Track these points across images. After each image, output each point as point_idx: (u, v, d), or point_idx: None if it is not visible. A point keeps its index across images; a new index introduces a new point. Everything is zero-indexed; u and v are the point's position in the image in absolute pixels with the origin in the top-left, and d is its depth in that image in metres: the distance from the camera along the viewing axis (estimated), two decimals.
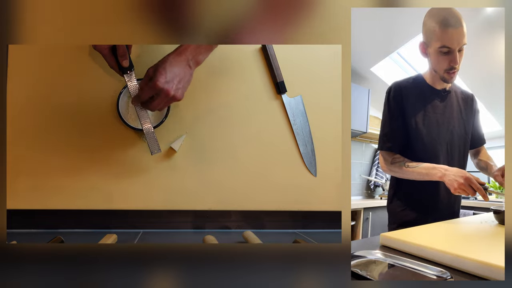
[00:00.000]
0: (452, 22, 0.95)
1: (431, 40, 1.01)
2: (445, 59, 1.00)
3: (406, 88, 1.10)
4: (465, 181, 0.91)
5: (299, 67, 1.00)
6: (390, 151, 1.10)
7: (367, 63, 2.64)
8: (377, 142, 1.15)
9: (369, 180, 3.05)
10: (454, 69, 1.01)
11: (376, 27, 2.15)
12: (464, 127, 1.14)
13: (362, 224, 2.40)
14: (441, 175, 0.97)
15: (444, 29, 0.96)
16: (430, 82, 1.11)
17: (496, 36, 2.00)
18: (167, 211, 0.93)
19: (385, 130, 1.11)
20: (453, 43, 0.96)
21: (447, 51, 0.98)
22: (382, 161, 1.12)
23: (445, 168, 0.97)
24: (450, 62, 1.00)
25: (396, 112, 1.09)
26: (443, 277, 0.49)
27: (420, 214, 1.09)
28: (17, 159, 0.88)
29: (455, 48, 0.97)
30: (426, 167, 1.01)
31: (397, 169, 1.07)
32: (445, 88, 1.12)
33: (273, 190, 0.97)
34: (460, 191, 0.92)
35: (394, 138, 1.09)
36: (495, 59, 2.20)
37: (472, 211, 2.34)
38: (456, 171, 0.94)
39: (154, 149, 0.86)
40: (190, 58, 0.78)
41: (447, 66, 1.01)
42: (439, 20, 0.97)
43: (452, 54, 0.98)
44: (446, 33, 0.96)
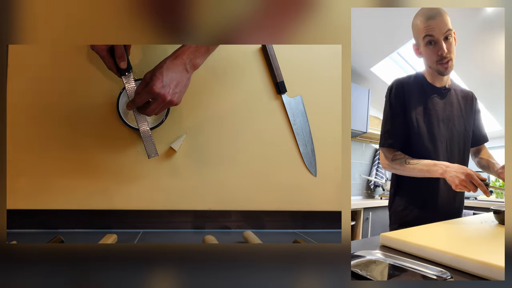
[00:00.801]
0: (431, 13, 1.00)
1: (418, 37, 1.05)
2: (432, 50, 1.03)
3: (408, 84, 1.11)
4: (466, 177, 0.90)
5: (299, 67, 1.00)
6: (392, 147, 1.10)
7: (367, 63, 2.64)
8: (377, 142, 1.15)
9: (369, 180, 3.06)
10: (444, 58, 1.03)
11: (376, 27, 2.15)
12: (464, 125, 1.15)
13: (362, 224, 2.40)
14: (442, 172, 0.97)
15: (424, 21, 1.02)
16: (430, 80, 1.12)
17: (496, 36, 2.00)
18: (167, 211, 0.93)
19: (387, 127, 1.11)
20: (435, 31, 1.01)
21: (432, 41, 1.02)
22: (383, 157, 1.12)
23: (446, 164, 0.97)
24: (438, 52, 1.02)
25: (398, 109, 1.09)
26: (443, 277, 0.49)
27: (421, 212, 1.09)
28: (17, 159, 0.88)
29: (439, 37, 1.01)
30: (427, 164, 1.01)
31: (398, 166, 1.07)
32: (445, 86, 1.13)
33: (273, 190, 0.97)
34: (462, 187, 0.92)
35: (396, 135, 1.09)
36: (495, 59, 2.20)
37: (472, 211, 2.34)
38: (457, 168, 0.94)
39: (151, 152, 0.85)
40: (187, 62, 0.77)
41: (436, 57, 1.03)
42: (420, 16, 1.03)
43: (438, 44, 1.02)
44: (427, 24, 1.01)
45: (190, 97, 0.93)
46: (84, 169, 0.90)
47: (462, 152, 1.14)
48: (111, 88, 0.91)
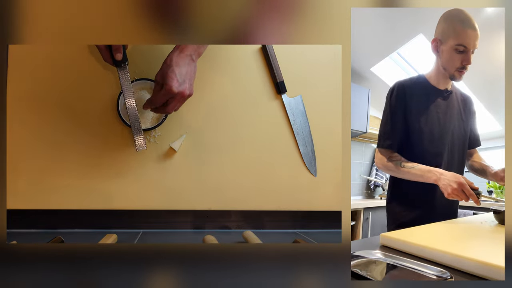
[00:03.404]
0: (471, 24, 1.01)
1: (448, 38, 1.04)
2: (459, 57, 1.04)
3: (410, 87, 1.11)
4: (459, 186, 0.91)
5: (299, 67, 1.00)
6: (390, 148, 1.09)
7: (367, 63, 2.64)
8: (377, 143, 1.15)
9: (369, 180, 3.06)
10: (465, 68, 1.05)
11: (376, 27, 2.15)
12: (463, 127, 1.15)
13: (362, 224, 2.41)
14: (435, 179, 0.97)
15: (464, 28, 1.01)
16: (433, 82, 1.12)
17: (496, 36, 2.00)
18: (167, 211, 0.93)
19: (386, 127, 1.11)
20: (470, 43, 1.01)
21: (463, 50, 1.02)
22: (379, 158, 1.11)
23: (440, 172, 0.97)
24: (463, 61, 1.04)
25: (398, 110, 1.09)
26: (443, 277, 0.49)
27: (417, 214, 1.08)
28: (17, 159, 0.88)
29: (471, 48, 1.02)
30: (422, 169, 1.01)
31: (393, 167, 1.07)
32: (447, 89, 1.13)
33: (273, 190, 0.97)
34: (454, 196, 0.93)
35: (395, 136, 1.09)
36: (495, 59, 2.20)
37: (472, 211, 2.34)
38: (451, 176, 0.94)
39: (140, 146, 0.83)
40: (192, 53, 0.79)
41: (460, 64, 1.04)
42: (459, 19, 1.02)
43: (466, 54, 1.03)
44: (466, 32, 1.01)
45: (191, 97, 0.93)
46: (84, 169, 0.90)
47: (461, 154, 1.15)
48: (111, 88, 0.91)
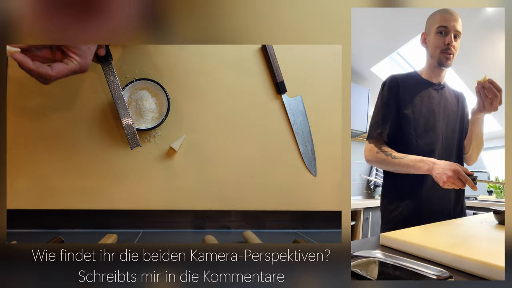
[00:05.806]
0: (450, 10, 1.07)
1: (431, 27, 1.09)
2: (441, 39, 1.06)
3: (403, 79, 1.10)
4: (454, 174, 0.87)
5: (299, 67, 1.00)
6: (380, 137, 1.05)
7: (367, 63, 2.64)
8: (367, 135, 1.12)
9: (369, 180, 3.06)
10: (449, 49, 1.06)
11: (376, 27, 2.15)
12: (458, 121, 1.14)
13: (362, 224, 2.40)
14: (428, 168, 0.93)
15: (441, 14, 1.07)
16: (426, 76, 1.13)
17: (496, 36, 2.00)
18: (167, 211, 0.93)
19: (377, 118, 1.07)
20: (449, 23, 1.05)
21: (444, 31, 1.06)
22: (368, 149, 1.06)
23: (433, 161, 0.93)
24: (445, 41, 1.06)
25: (391, 101, 1.06)
26: (443, 277, 0.49)
27: (411, 214, 1.07)
28: (17, 159, 0.88)
29: (451, 28, 1.05)
30: (413, 159, 0.97)
31: (383, 159, 1.02)
32: (440, 82, 1.13)
33: (273, 190, 0.97)
34: (450, 184, 0.89)
35: (385, 126, 1.05)
36: (495, 59, 2.20)
37: (472, 211, 2.34)
38: (444, 164, 0.91)
39: (134, 143, 0.85)
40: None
41: (443, 45, 1.06)
42: (438, 11, 1.08)
43: (448, 35, 1.05)
44: (443, 16, 1.06)
45: (190, 97, 0.93)
46: (84, 169, 0.90)
47: (457, 146, 1.13)
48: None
